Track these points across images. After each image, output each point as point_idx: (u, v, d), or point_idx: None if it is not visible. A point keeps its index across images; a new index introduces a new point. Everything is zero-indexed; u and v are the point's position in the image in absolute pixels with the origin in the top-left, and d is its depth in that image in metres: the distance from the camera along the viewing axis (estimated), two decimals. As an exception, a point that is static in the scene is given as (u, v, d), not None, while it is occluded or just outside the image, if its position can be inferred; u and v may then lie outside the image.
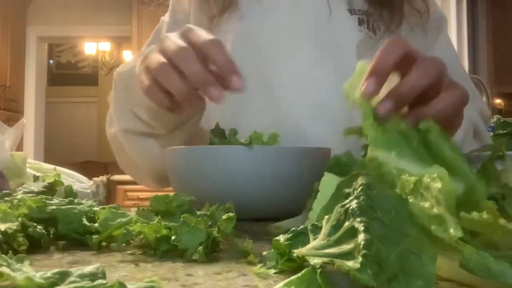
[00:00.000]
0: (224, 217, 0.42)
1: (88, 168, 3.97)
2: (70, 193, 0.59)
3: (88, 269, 0.27)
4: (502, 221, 0.26)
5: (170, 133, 0.76)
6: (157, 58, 0.56)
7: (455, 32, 3.50)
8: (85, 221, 0.45)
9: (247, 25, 0.87)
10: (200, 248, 0.39)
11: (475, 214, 0.27)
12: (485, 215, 0.27)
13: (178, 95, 0.55)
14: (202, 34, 0.55)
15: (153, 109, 0.69)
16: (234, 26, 0.87)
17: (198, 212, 0.48)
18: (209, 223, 0.44)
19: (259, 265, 0.35)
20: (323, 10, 0.86)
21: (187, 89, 0.54)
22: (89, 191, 0.84)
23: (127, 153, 0.83)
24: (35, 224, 0.43)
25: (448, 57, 0.86)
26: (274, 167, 0.62)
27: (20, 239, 0.40)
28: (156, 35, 0.95)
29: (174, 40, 0.56)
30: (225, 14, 0.88)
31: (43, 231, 0.43)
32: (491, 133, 0.91)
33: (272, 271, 0.33)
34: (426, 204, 0.27)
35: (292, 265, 0.33)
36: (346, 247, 0.26)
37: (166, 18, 0.96)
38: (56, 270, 0.27)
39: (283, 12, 0.87)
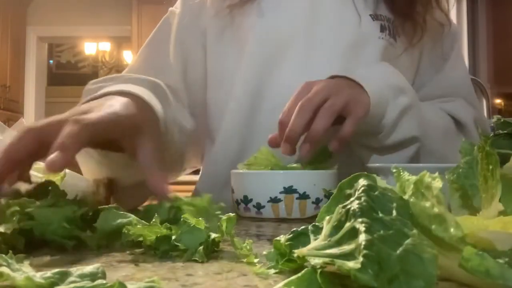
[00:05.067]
0: (224, 217, 0.42)
1: (88, 168, 3.95)
2: (58, 193, 0.56)
3: (88, 269, 0.27)
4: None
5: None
6: None
7: (455, 32, 3.49)
8: (65, 224, 0.43)
9: (267, 22, 0.85)
10: (200, 248, 0.39)
11: None
12: None
13: None
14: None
15: None
16: (254, 22, 0.85)
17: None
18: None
19: (259, 265, 0.35)
20: (346, 12, 0.85)
21: None
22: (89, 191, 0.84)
23: None
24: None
25: (457, 77, 0.94)
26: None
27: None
28: (164, 26, 0.92)
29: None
30: (246, 6, 0.85)
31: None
32: (491, 133, 0.91)
33: (272, 271, 0.33)
34: (427, 204, 0.27)
35: (292, 265, 0.32)
36: (347, 247, 0.26)
37: (177, 8, 0.92)
38: (56, 270, 0.27)
39: (302, 9, 0.85)
